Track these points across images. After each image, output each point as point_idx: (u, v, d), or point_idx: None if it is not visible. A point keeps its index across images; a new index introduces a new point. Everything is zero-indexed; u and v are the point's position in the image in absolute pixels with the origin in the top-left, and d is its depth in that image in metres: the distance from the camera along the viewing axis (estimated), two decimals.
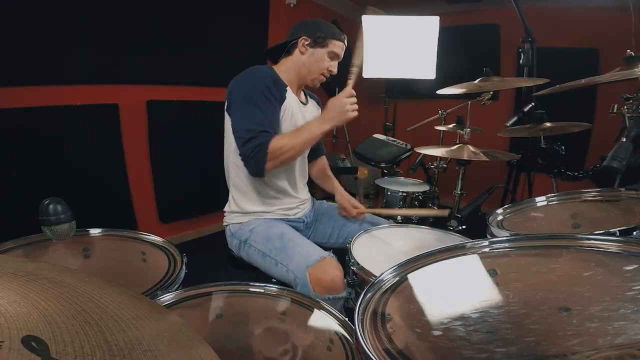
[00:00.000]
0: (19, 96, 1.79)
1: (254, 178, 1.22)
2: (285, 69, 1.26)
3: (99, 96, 2.11)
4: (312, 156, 1.50)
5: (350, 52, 1.21)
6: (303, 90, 1.38)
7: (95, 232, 1.10)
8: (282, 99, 1.20)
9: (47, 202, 0.87)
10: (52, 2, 1.82)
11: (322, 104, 1.48)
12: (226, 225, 1.33)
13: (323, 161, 1.57)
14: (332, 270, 1.04)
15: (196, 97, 2.61)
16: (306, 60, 1.24)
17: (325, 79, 1.29)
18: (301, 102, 1.32)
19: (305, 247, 1.11)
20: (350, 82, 1.17)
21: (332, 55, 1.25)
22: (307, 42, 1.22)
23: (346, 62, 1.23)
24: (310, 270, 1.03)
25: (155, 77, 2.36)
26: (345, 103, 1.12)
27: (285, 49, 1.28)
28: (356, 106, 1.14)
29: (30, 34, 1.78)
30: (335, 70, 1.27)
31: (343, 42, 1.25)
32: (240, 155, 1.14)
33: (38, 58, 1.82)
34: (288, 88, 1.24)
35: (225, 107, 1.21)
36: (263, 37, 2.96)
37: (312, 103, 1.42)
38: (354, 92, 1.14)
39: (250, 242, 1.22)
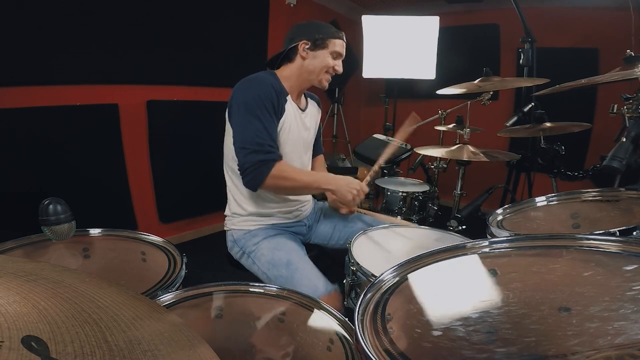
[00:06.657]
0: (19, 96, 1.79)
1: None
2: (287, 75, 1.24)
3: (99, 96, 2.11)
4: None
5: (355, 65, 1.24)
6: (304, 94, 1.36)
7: (95, 232, 1.10)
8: (282, 111, 1.19)
9: (47, 202, 0.87)
10: (52, 2, 1.82)
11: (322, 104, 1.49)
12: (227, 230, 1.32)
13: (320, 159, 1.58)
14: (337, 305, 1.05)
15: (196, 97, 2.61)
16: (309, 64, 1.22)
17: (331, 77, 1.27)
18: (300, 108, 1.30)
19: (312, 278, 1.11)
20: (368, 179, 1.26)
21: (335, 55, 1.23)
22: (307, 46, 1.20)
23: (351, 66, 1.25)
24: None
25: (155, 77, 2.36)
26: (356, 189, 1.19)
27: (285, 55, 1.26)
28: (359, 200, 1.21)
29: (31, 34, 1.78)
30: (340, 69, 1.25)
31: (342, 39, 1.24)
32: (238, 165, 1.13)
33: (38, 58, 1.82)
34: (289, 97, 1.22)
35: (227, 114, 1.20)
36: (263, 37, 2.96)
37: (312, 105, 1.39)
38: (366, 190, 1.23)
39: (255, 260, 1.22)
